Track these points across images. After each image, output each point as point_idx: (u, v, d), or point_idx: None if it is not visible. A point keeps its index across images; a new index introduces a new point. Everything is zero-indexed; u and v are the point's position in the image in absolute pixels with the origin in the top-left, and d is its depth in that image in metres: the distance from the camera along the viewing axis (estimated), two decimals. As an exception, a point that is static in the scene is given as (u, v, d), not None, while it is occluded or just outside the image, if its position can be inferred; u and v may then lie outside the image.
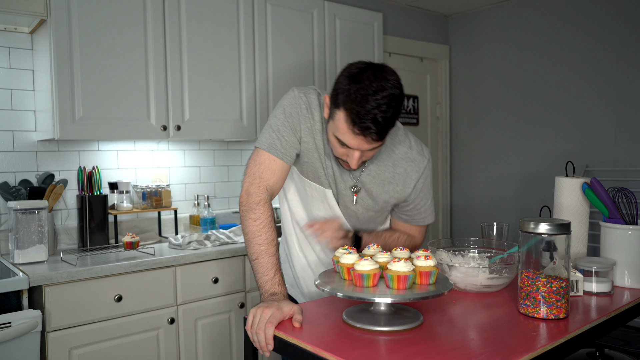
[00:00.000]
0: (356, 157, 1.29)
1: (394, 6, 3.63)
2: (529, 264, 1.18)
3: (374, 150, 1.32)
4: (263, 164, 1.38)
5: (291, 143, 1.39)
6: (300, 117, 1.39)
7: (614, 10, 3.10)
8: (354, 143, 1.26)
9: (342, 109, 1.23)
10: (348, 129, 1.23)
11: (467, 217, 3.98)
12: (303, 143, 1.41)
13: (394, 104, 1.22)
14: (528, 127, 3.56)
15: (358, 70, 1.23)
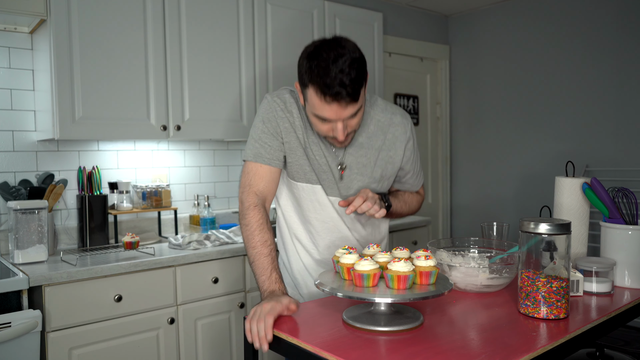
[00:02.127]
0: (340, 128, 1.34)
1: (394, 6, 3.63)
2: (529, 264, 1.18)
3: (356, 118, 1.36)
4: (251, 172, 1.45)
5: (275, 147, 1.46)
6: (278, 120, 1.45)
7: (614, 10, 3.10)
8: (332, 113, 1.31)
9: (310, 86, 1.30)
10: (321, 101, 1.30)
11: (467, 217, 3.98)
12: (286, 143, 1.47)
13: (357, 66, 1.28)
14: (528, 127, 3.56)
15: (314, 48, 1.31)
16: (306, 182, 1.50)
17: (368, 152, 1.50)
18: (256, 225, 1.39)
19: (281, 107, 1.46)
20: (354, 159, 1.50)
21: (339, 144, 1.41)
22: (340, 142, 1.40)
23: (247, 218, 1.41)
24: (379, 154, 1.52)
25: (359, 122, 1.39)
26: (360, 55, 1.31)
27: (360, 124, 1.43)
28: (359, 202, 1.35)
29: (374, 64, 3.17)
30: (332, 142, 1.42)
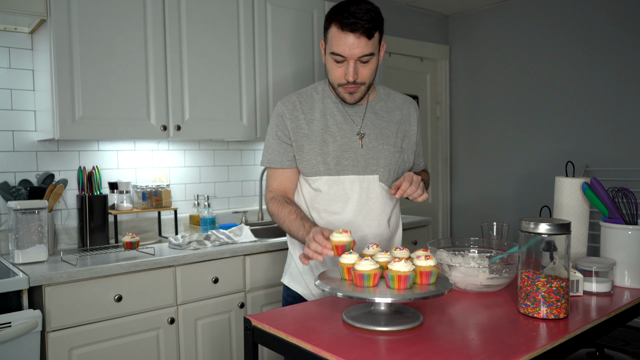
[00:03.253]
0: (352, 68, 1.46)
1: (394, 6, 3.63)
2: (529, 264, 1.18)
3: (368, 66, 1.49)
4: (268, 175, 1.67)
5: (282, 150, 1.60)
6: (286, 121, 1.59)
7: (614, 10, 3.10)
8: (346, 48, 1.44)
9: (331, 24, 1.47)
10: (338, 33, 1.44)
11: (467, 217, 3.98)
12: (294, 142, 1.59)
13: (374, 14, 1.45)
14: (528, 127, 3.56)
15: (339, 2, 1.49)
16: (325, 175, 1.58)
17: (389, 124, 1.62)
18: (277, 207, 1.57)
19: (289, 108, 1.59)
20: (373, 127, 1.61)
21: (350, 96, 1.53)
22: (351, 90, 1.51)
23: (270, 210, 1.61)
24: (399, 127, 1.64)
25: (371, 75, 1.51)
26: (379, 12, 1.48)
27: (371, 78, 1.52)
28: (406, 186, 1.42)
29: (374, 64, 3.17)
30: (345, 97, 1.54)
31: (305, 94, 1.63)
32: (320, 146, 1.57)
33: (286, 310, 1.25)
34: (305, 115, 1.59)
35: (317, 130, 1.58)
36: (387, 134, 1.61)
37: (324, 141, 1.57)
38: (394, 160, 1.61)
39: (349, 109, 1.61)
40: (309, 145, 1.57)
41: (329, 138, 1.57)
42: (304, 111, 1.59)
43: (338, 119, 1.59)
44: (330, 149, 1.57)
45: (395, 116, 1.65)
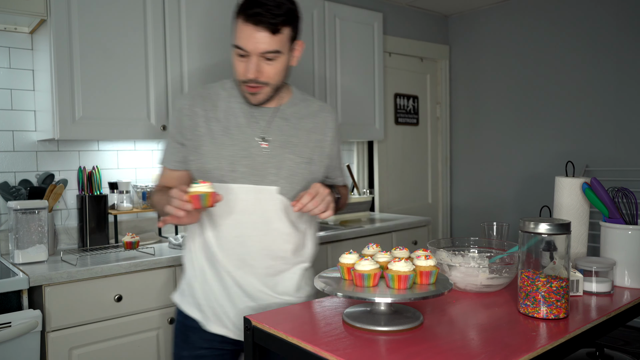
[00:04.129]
0: (253, 62, 1.32)
1: (394, 6, 3.63)
2: (529, 263, 1.18)
3: (273, 64, 1.34)
4: (159, 173, 1.55)
5: (173, 150, 1.48)
6: (183, 118, 1.43)
7: (614, 10, 3.10)
8: (248, 40, 1.30)
9: (238, 14, 1.32)
10: (242, 24, 1.31)
11: (467, 217, 3.98)
12: (190, 141, 1.42)
13: (287, 7, 1.32)
14: (528, 127, 3.56)
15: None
16: (218, 182, 1.38)
17: (298, 132, 1.45)
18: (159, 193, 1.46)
19: (189, 103, 1.44)
20: (279, 133, 1.43)
21: (253, 97, 1.38)
22: (253, 91, 1.36)
23: (152, 202, 1.50)
24: (310, 136, 1.47)
25: (276, 75, 1.36)
26: (295, 7, 1.35)
27: (277, 78, 1.37)
28: (306, 199, 1.27)
29: (373, 64, 3.17)
30: (247, 97, 1.39)
31: (211, 90, 1.46)
32: (216, 149, 1.39)
33: (286, 310, 1.25)
34: (206, 113, 1.41)
35: (216, 131, 1.40)
36: (294, 143, 1.44)
37: (221, 144, 1.39)
38: (300, 172, 1.42)
39: (255, 110, 1.43)
40: (206, 147, 1.39)
41: (226, 141, 1.39)
42: (205, 108, 1.42)
43: (240, 121, 1.41)
44: (226, 153, 1.38)
45: (307, 124, 1.47)
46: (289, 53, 1.38)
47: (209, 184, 1.21)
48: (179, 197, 1.19)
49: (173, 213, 1.21)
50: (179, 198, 1.19)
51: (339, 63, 2.97)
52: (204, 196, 1.20)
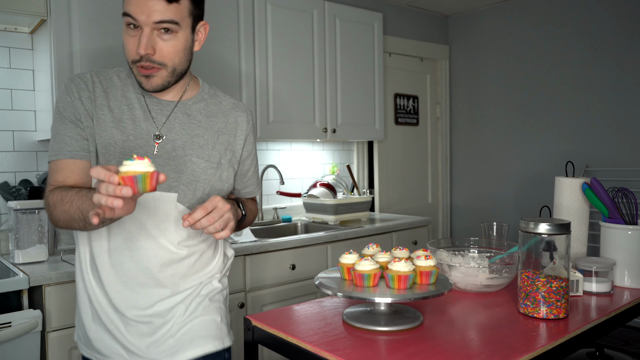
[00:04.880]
0: (146, 35, 1.11)
1: (394, 6, 3.63)
2: (529, 264, 1.18)
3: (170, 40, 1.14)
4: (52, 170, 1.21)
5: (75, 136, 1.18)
6: (76, 102, 1.18)
7: (614, 10, 3.11)
8: (138, 6, 1.10)
9: None
10: None
11: (467, 217, 3.98)
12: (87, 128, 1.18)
13: None
14: (528, 127, 3.56)
15: None
16: None
17: (205, 132, 1.26)
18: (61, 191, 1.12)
19: (80, 86, 1.19)
20: (181, 131, 1.23)
21: (146, 80, 1.16)
22: (146, 72, 1.15)
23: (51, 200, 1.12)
24: (219, 137, 1.28)
25: (175, 54, 1.15)
26: None
27: (176, 60, 1.16)
28: (200, 214, 1.07)
29: (373, 64, 3.17)
30: (141, 81, 1.17)
31: (105, 75, 1.23)
32: (104, 145, 1.17)
33: (286, 310, 1.25)
34: (97, 101, 1.19)
35: (107, 122, 1.18)
36: (200, 143, 1.24)
37: (111, 139, 1.17)
38: (205, 177, 1.23)
39: (153, 103, 1.23)
40: (95, 139, 1.18)
41: (117, 136, 1.18)
42: (96, 95, 1.19)
43: (136, 114, 1.20)
44: (116, 151, 1.17)
45: (216, 123, 1.28)
46: (191, 33, 1.19)
47: (147, 161, 0.91)
48: (108, 180, 0.87)
49: (105, 203, 0.88)
50: (110, 181, 0.88)
51: (339, 63, 2.97)
52: (142, 177, 0.89)
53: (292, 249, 2.40)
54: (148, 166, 0.90)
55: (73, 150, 1.17)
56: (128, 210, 0.96)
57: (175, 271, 1.22)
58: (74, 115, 1.18)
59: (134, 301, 1.20)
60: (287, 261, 2.39)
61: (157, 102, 1.24)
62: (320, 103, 2.88)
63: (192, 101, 1.28)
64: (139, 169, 0.90)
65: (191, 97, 1.29)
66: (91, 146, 1.18)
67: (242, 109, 1.36)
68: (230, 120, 1.32)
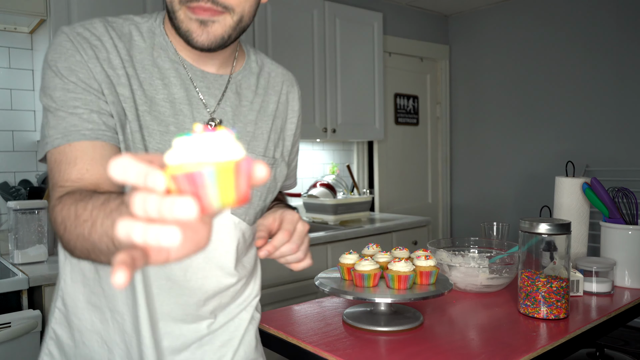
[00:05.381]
0: None
1: (394, 6, 3.63)
2: (529, 264, 1.18)
3: None
4: (57, 162, 0.81)
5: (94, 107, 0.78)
6: (90, 60, 0.78)
7: (614, 10, 3.10)
8: None
9: None
10: None
11: (467, 217, 3.98)
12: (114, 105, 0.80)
13: None
14: (528, 127, 3.56)
15: None
16: None
17: (261, 116, 0.95)
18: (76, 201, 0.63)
19: (90, 43, 0.79)
20: (233, 117, 0.91)
21: (201, 28, 0.77)
22: (204, 15, 0.77)
23: (62, 215, 0.65)
24: (273, 123, 0.97)
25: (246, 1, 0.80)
26: None
27: (247, 8, 0.81)
28: (283, 239, 0.79)
29: (374, 64, 3.17)
30: (191, 29, 0.78)
31: (119, 29, 0.84)
32: (139, 134, 0.81)
33: (286, 311, 1.25)
34: (124, 65, 0.81)
35: (139, 103, 0.81)
36: (254, 134, 0.93)
37: (146, 128, 0.81)
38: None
39: (197, 77, 0.87)
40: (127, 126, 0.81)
41: (152, 124, 0.82)
42: (119, 55, 0.81)
43: (174, 93, 0.84)
44: (152, 144, 0.82)
45: (269, 104, 0.97)
46: None
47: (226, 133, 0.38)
48: (147, 185, 0.37)
49: (143, 242, 0.37)
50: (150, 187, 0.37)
51: (339, 63, 2.97)
52: (219, 173, 0.36)
53: (292, 249, 2.40)
54: (228, 147, 0.38)
55: (95, 129, 0.75)
56: (194, 247, 0.42)
57: (219, 302, 0.93)
58: (90, 81, 0.77)
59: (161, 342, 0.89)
60: (287, 261, 2.39)
61: (202, 75, 0.87)
62: (320, 103, 2.88)
63: (242, 74, 0.94)
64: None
65: (239, 69, 0.94)
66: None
67: (292, 82, 1.04)
68: (282, 99, 1.01)
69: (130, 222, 0.37)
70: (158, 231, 0.36)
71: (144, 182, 0.37)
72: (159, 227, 0.36)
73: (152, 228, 0.36)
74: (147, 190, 0.37)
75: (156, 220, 0.37)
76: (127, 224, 0.37)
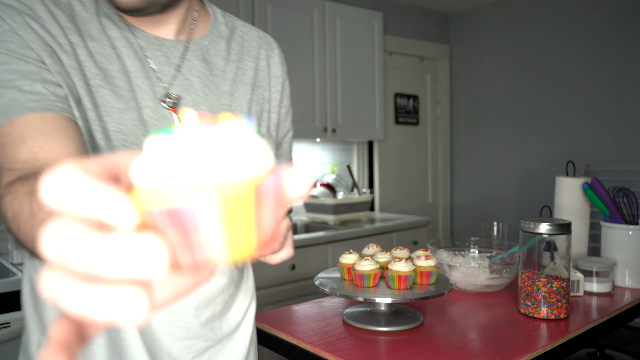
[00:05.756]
0: None
1: (394, 5, 3.62)
2: (530, 264, 1.18)
3: None
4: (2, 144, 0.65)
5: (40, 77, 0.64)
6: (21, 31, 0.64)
7: (614, 10, 3.10)
8: None
9: None
10: None
11: (468, 217, 3.98)
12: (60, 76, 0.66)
13: None
14: (528, 126, 3.55)
15: None
16: None
17: (236, 87, 0.82)
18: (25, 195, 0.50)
19: (19, 10, 0.65)
20: (205, 90, 0.78)
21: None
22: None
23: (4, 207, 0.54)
24: (253, 93, 0.85)
25: None
26: None
27: None
28: None
29: (374, 63, 3.16)
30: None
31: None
32: (94, 113, 0.68)
33: (286, 311, 1.24)
34: (60, 38, 0.67)
35: (90, 77, 0.68)
36: (232, 107, 0.81)
37: (102, 106, 0.69)
38: None
39: (152, 46, 0.74)
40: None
41: (110, 100, 0.70)
42: (60, 24, 0.67)
43: (129, 64, 0.71)
44: (112, 125, 0.69)
45: (245, 72, 0.84)
46: None
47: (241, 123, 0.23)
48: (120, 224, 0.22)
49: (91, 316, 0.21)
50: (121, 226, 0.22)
51: (339, 63, 2.96)
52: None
53: (292, 249, 2.40)
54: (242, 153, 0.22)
55: (41, 99, 0.61)
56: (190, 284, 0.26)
57: (212, 312, 0.82)
58: (24, 50, 0.63)
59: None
60: (287, 261, 2.39)
61: (158, 43, 0.75)
62: (320, 102, 2.88)
63: (209, 39, 0.81)
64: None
65: (205, 33, 0.81)
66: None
67: (271, 44, 0.91)
68: (261, 65, 0.88)
69: (55, 276, 0.21)
70: (105, 297, 0.21)
71: (99, 216, 0.22)
72: (108, 290, 0.21)
73: (94, 291, 0.21)
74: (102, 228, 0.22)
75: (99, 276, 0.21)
76: (50, 279, 0.21)
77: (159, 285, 0.24)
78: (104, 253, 0.21)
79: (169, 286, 0.24)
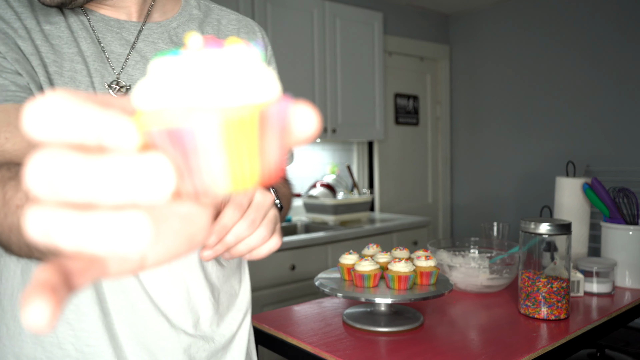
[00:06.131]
0: None
1: (394, 6, 3.62)
2: (530, 264, 1.18)
3: None
4: None
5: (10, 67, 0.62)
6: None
7: (614, 10, 3.10)
8: None
9: None
10: None
11: (468, 217, 3.98)
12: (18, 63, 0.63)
13: None
14: (528, 126, 3.55)
15: None
16: None
17: None
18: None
19: None
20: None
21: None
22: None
23: None
24: None
25: None
26: None
27: None
28: (231, 217, 0.47)
29: (374, 64, 3.16)
30: None
31: None
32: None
33: (286, 311, 1.24)
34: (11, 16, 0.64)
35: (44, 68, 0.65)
36: None
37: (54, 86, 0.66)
38: None
39: (109, 28, 0.70)
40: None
41: (70, 88, 0.65)
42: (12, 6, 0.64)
43: (86, 49, 0.68)
44: None
45: None
46: None
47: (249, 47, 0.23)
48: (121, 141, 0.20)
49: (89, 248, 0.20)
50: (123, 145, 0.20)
51: (339, 63, 2.96)
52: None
53: (292, 249, 2.40)
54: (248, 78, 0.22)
55: (2, 90, 0.59)
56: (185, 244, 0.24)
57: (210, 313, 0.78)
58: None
59: None
60: (287, 261, 2.39)
61: (118, 25, 0.71)
62: (320, 103, 2.88)
63: (178, 22, 0.77)
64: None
65: (173, 15, 0.77)
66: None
67: (252, 28, 0.86)
68: None
69: (46, 209, 0.19)
70: (106, 225, 0.19)
71: (99, 137, 0.20)
72: (108, 217, 0.19)
73: (93, 220, 0.19)
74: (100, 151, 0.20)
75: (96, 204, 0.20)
76: (40, 215, 0.19)
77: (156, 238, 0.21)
78: (104, 175, 0.19)
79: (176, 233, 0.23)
